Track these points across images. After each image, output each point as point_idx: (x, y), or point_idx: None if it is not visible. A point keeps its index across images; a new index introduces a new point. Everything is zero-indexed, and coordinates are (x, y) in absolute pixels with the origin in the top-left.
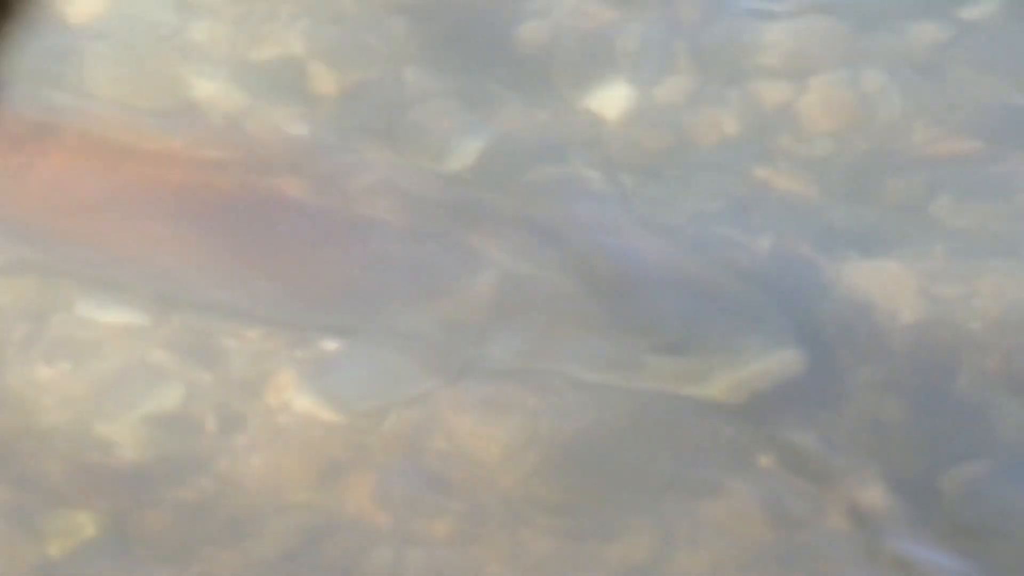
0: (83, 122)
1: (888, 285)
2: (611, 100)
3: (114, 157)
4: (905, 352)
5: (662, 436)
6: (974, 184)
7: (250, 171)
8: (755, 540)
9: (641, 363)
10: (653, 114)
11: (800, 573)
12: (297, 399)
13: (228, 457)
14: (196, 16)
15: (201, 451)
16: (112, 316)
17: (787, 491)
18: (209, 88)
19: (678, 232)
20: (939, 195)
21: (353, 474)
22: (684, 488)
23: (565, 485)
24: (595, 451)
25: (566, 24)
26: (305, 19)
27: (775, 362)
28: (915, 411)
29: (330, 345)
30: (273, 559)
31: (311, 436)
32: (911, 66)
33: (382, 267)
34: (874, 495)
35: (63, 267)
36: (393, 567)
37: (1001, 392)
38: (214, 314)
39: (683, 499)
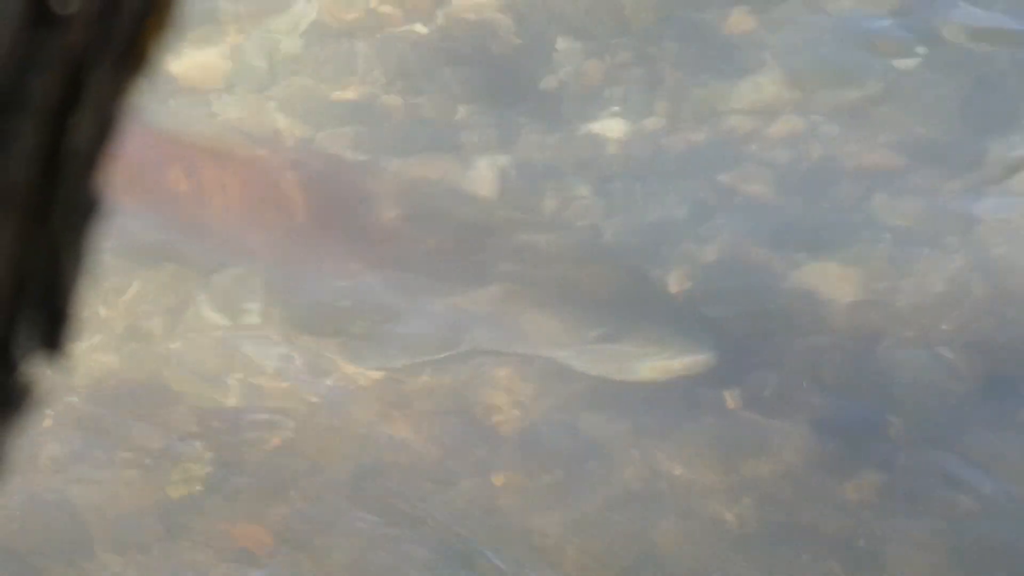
0: (201, 141)
1: (831, 273)
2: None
3: (222, 169)
4: (842, 325)
5: (630, 395)
6: (899, 193)
7: (323, 186)
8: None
9: (589, 349)
10: (640, 138)
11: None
12: (359, 365)
13: (305, 407)
14: (288, 68)
15: (284, 404)
16: (225, 303)
17: (741, 428)
18: (295, 122)
19: (646, 232)
20: (872, 199)
21: (404, 419)
22: (654, 432)
23: (564, 429)
24: (580, 411)
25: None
26: (377, 68)
27: (688, 361)
28: (848, 371)
29: (381, 321)
30: (344, 485)
31: (371, 390)
32: (850, 106)
33: (420, 265)
34: (809, 437)
35: (191, 257)
36: (443, 498)
37: (919, 356)
38: (302, 301)
39: (656, 439)
